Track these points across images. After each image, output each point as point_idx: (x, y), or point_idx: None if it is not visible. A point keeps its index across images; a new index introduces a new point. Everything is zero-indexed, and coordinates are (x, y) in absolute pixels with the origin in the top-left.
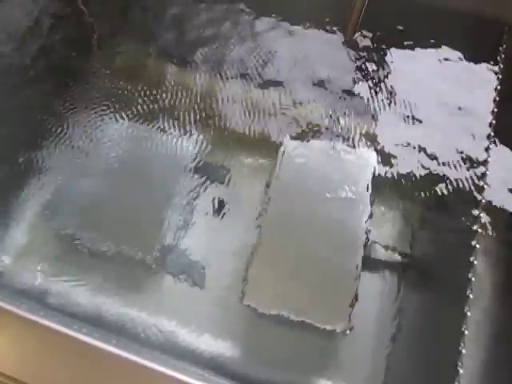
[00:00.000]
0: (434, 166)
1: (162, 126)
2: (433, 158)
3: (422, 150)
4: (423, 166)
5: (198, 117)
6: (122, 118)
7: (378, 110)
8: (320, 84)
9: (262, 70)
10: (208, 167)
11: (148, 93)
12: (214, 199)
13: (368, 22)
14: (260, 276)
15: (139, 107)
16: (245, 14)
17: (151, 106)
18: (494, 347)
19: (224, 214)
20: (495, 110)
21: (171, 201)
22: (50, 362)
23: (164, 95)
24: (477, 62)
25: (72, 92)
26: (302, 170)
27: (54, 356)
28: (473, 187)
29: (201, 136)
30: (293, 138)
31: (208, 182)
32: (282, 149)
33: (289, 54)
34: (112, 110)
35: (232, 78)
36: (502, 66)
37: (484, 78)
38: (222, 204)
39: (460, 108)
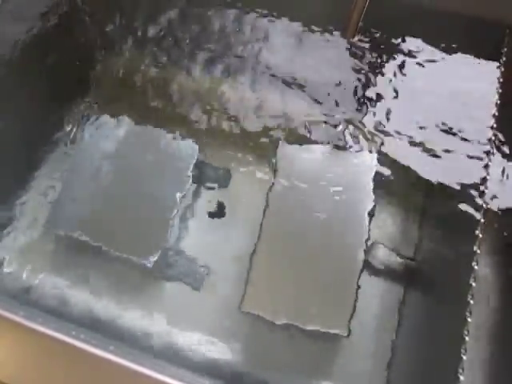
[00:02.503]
0: (434, 170)
1: (162, 129)
2: (433, 161)
3: (422, 153)
4: (424, 170)
5: (197, 119)
6: (123, 121)
7: (377, 112)
8: (319, 86)
9: (261, 71)
10: (208, 170)
11: (149, 95)
12: (214, 202)
13: (368, 23)
14: (259, 282)
15: (139, 110)
16: (243, 14)
17: (152, 109)
18: (495, 353)
19: (224, 217)
20: (496, 113)
21: (171, 204)
22: (47, 370)
23: (164, 98)
24: (478, 64)
25: (72, 95)
26: (300, 174)
27: (51, 363)
28: (474, 192)
29: (201, 139)
30: (291, 141)
31: (208, 185)
32: (279, 152)
33: (287, 54)
34: (112, 113)
35: (231, 79)
36: (503, 69)
37: (485, 81)
38: (222, 207)
39: (460, 111)
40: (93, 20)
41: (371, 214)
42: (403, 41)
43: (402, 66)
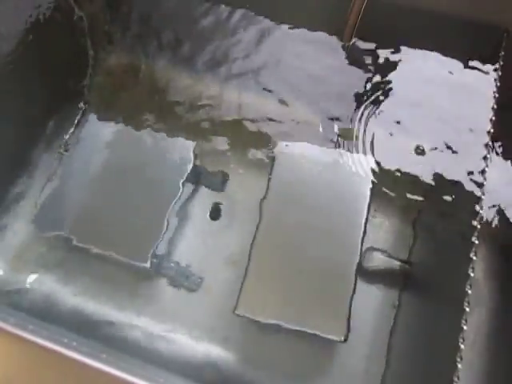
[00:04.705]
0: (431, 174)
1: (158, 131)
2: (430, 165)
3: (419, 156)
4: (421, 174)
5: (193, 122)
6: (119, 122)
7: (374, 115)
8: (316, 88)
9: (259, 73)
10: (204, 174)
11: (145, 97)
12: (210, 206)
13: (366, 26)
14: (253, 285)
15: (136, 111)
16: (241, 17)
17: (148, 110)
18: (491, 360)
19: (221, 220)
20: (493, 118)
21: (167, 206)
22: (38, 379)
23: (162, 99)
24: (475, 68)
25: (66, 97)
26: (296, 177)
27: (42, 372)
28: (470, 197)
29: (198, 141)
30: (288, 143)
31: (205, 188)
32: (276, 155)
33: (284, 57)
34: (108, 113)
35: (229, 81)
36: (500, 73)
37: (482, 85)
38: (218, 211)
39: (457, 115)
40: (88, 21)
41: (367, 218)
42: (400, 44)
43: (398, 69)
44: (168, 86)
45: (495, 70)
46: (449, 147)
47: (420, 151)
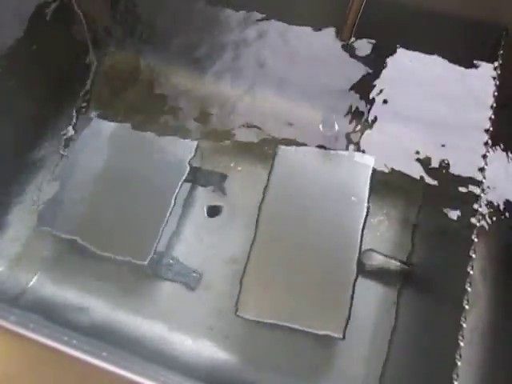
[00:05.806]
0: (430, 173)
1: (158, 130)
2: (429, 164)
3: (418, 155)
4: (420, 173)
5: (194, 121)
6: (119, 121)
7: (373, 114)
8: (316, 87)
9: (258, 73)
10: (204, 173)
11: (144, 97)
12: (209, 204)
13: (365, 25)
14: (253, 285)
15: (136, 110)
16: (241, 15)
17: (148, 110)
18: (489, 358)
19: (220, 219)
20: (493, 116)
21: (167, 206)
22: (38, 377)
23: (162, 99)
24: (474, 67)
25: (67, 97)
26: (296, 177)
27: (43, 372)
28: (469, 195)
29: (197, 141)
30: (287, 143)
31: (204, 187)
32: (275, 154)
33: (284, 56)
34: (109, 113)
35: (229, 81)
36: (499, 72)
37: (481, 84)
38: (217, 210)
39: (456, 114)
40: (89, 21)
41: (366, 217)
42: (399, 42)
43: (397, 68)
44: (168, 85)
45: (494, 68)
46: (448, 146)
47: (419, 150)
